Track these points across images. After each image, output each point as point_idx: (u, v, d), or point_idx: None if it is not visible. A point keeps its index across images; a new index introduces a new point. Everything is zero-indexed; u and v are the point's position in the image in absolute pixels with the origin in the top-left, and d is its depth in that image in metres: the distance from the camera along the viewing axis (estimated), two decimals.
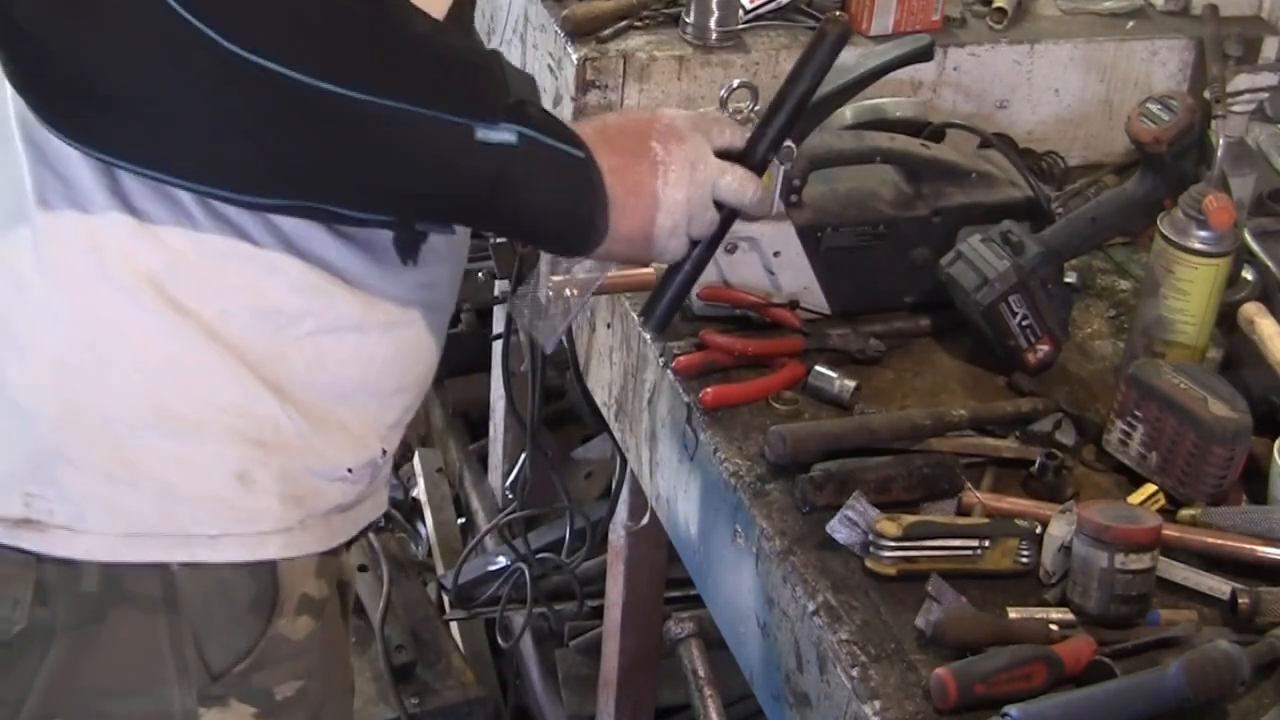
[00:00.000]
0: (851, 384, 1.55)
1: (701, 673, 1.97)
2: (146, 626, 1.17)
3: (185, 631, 1.18)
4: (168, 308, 1.12)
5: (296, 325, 1.17)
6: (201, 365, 1.14)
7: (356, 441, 1.25)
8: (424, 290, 1.24)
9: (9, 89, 1.08)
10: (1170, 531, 1.38)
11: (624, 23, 1.91)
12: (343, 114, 1.05)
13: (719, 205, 1.27)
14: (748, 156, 1.28)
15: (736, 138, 1.29)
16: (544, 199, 1.17)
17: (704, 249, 1.29)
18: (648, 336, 1.64)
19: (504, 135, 1.11)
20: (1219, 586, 1.36)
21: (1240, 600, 1.33)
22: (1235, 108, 1.88)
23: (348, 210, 1.14)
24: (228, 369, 1.15)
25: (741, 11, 1.93)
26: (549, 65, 1.95)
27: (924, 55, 1.65)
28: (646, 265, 1.31)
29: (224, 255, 1.13)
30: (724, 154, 1.27)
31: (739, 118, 1.58)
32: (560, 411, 2.82)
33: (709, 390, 1.53)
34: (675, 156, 1.22)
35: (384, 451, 1.28)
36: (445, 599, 2.70)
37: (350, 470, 1.24)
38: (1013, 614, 1.31)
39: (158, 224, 1.11)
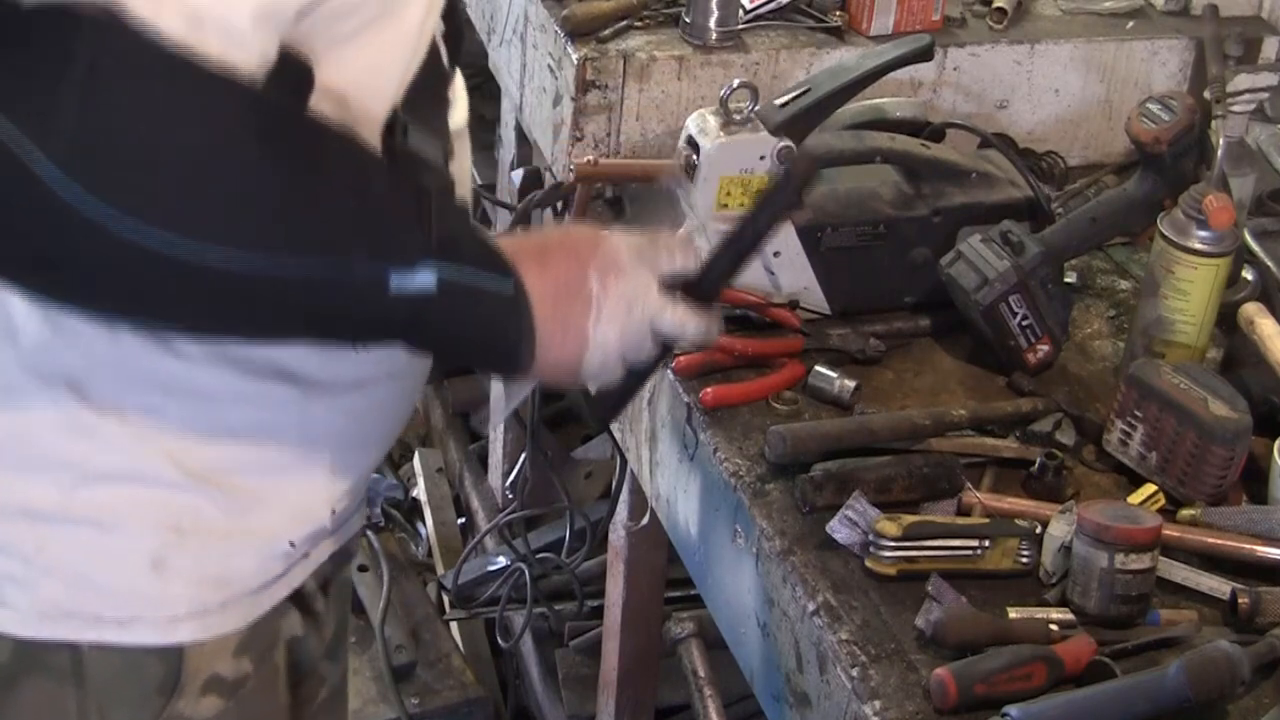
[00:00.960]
0: (851, 384, 1.55)
1: (701, 673, 1.97)
2: (56, 696, 1.20)
3: (91, 706, 1.20)
4: (86, 408, 1.13)
5: (225, 413, 1.17)
6: (120, 459, 1.15)
7: (299, 514, 1.24)
8: (381, 363, 1.21)
9: None
10: (1170, 531, 1.38)
11: (624, 23, 1.91)
12: (238, 285, 1.01)
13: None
14: (697, 287, 1.22)
15: (689, 261, 1.22)
16: (463, 337, 1.13)
17: (642, 373, 1.24)
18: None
19: (422, 281, 1.05)
20: (1219, 586, 1.36)
21: (1240, 600, 1.33)
22: (1235, 108, 1.88)
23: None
24: (146, 460, 1.16)
25: (741, 11, 1.93)
26: (549, 65, 1.95)
27: (924, 55, 1.65)
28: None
29: (143, 354, 1.13)
30: (673, 280, 1.20)
31: (738, 117, 1.59)
32: (560, 411, 2.82)
33: (709, 390, 1.53)
34: (611, 294, 1.16)
35: (333, 512, 1.27)
36: (445, 599, 2.70)
37: (293, 544, 1.24)
38: (1013, 614, 1.31)
39: (74, 324, 1.10)
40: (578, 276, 1.16)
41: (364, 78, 1.11)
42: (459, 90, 1.31)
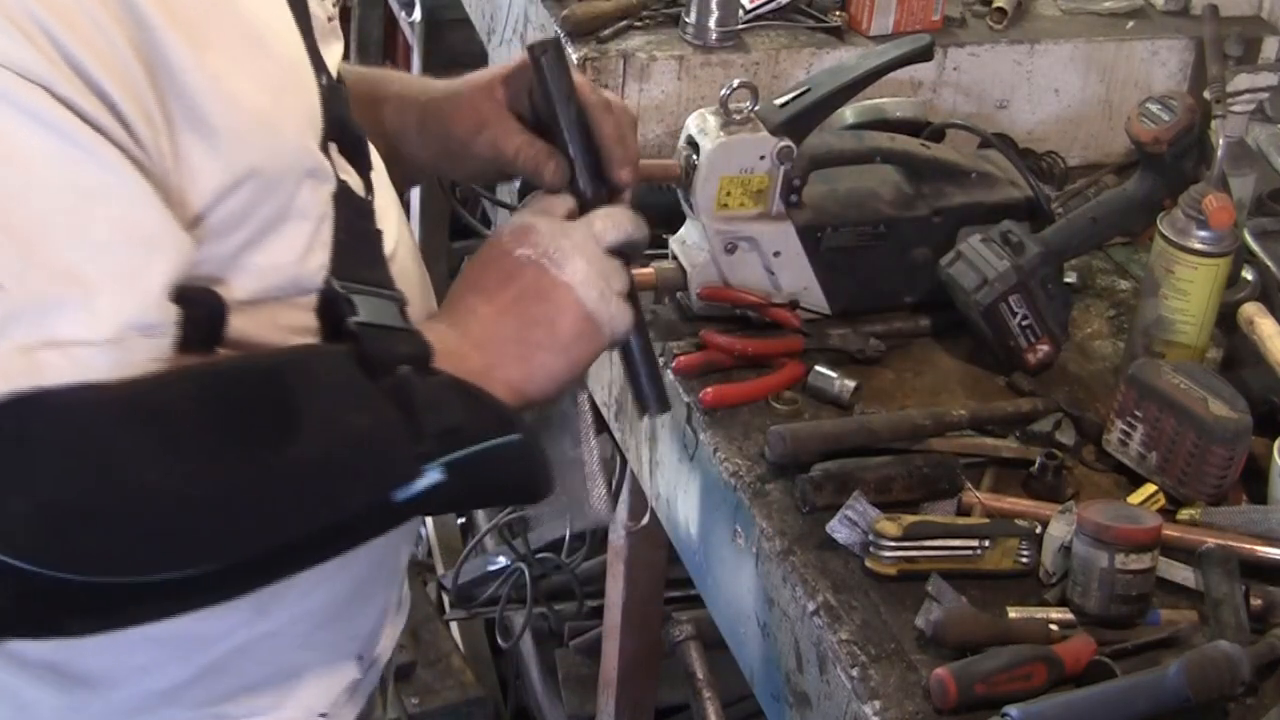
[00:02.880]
0: (851, 384, 1.55)
1: (701, 675, 1.97)
2: None
3: None
4: (65, 680, 1.14)
5: (215, 646, 1.17)
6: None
7: (319, 686, 1.24)
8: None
9: None
10: (1170, 531, 1.38)
11: (624, 23, 1.91)
12: (244, 571, 1.01)
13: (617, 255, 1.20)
14: (582, 198, 1.21)
15: (569, 203, 1.22)
16: (485, 494, 1.13)
17: (640, 328, 1.23)
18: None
19: (429, 479, 1.03)
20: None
21: (1252, 600, 1.33)
22: (1235, 108, 1.88)
23: None
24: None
25: (741, 11, 1.93)
26: None
27: (924, 55, 1.65)
28: (608, 349, 1.22)
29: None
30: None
31: (738, 117, 1.59)
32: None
33: (709, 390, 1.53)
34: (542, 244, 1.16)
35: (360, 657, 1.27)
36: (445, 599, 2.70)
37: (323, 716, 1.24)
38: (1013, 614, 1.31)
39: None
40: (510, 263, 1.15)
41: (281, 273, 1.09)
42: (380, 188, 1.25)
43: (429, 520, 2.91)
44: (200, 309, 1.03)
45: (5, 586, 0.92)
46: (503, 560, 2.62)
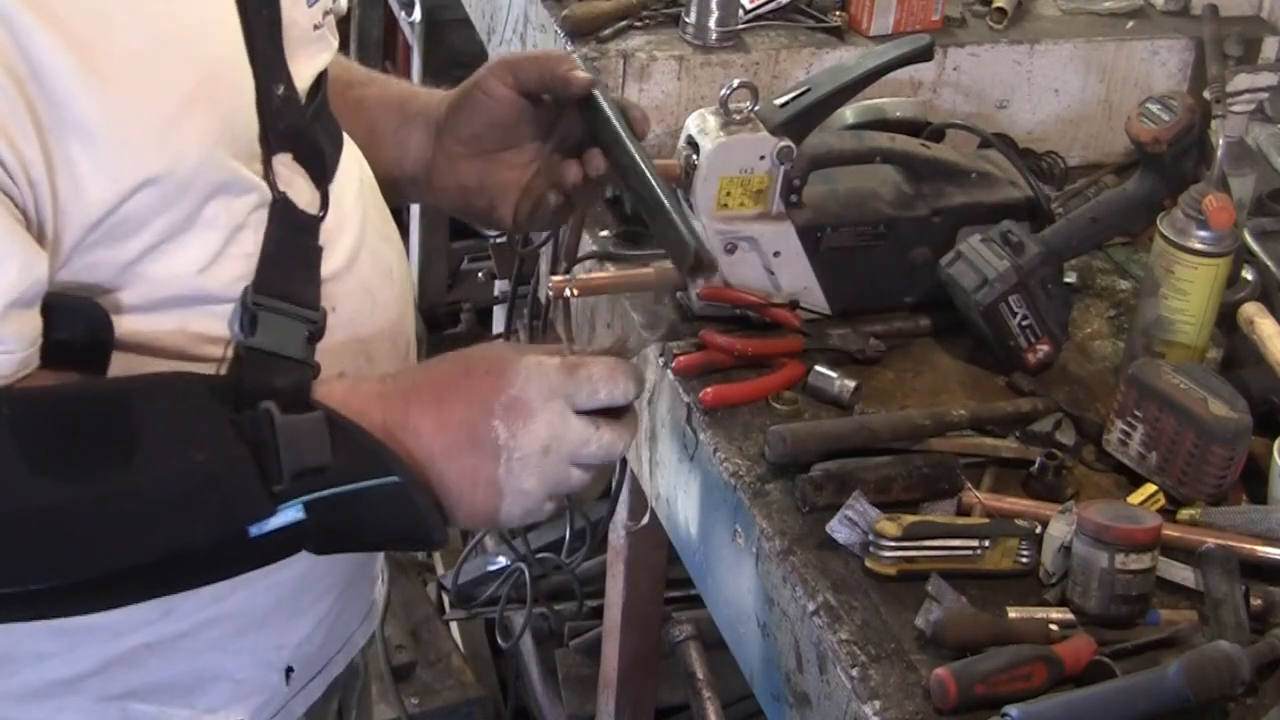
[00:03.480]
0: (851, 384, 1.55)
1: (701, 675, 1.97)
2: None
3: None
4: None
5: (120, 640, 1.17)
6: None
7: (237, 693, 1.24)
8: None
9: None
10: (1170, 531, 1.38)
11: (624, 23, 1.91)
12: (85, 591, 1.02)
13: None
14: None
15: (615, 392, 1.13)
16: (358, 536, 1.09)
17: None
18: (646, 334, 1.64)
19: (287, 516, 1.02)
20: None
21: (1252, 600, 1.33)
22: (1235, 108, 1.88)
23: None
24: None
25: (741, 11, 1.93)
26: None
27: (924, 55, 1.65)
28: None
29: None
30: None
31: (738, 117, 1.59)
32: None
33: (709, 390, 1.53)
34: (521, 442, 1.09)
35: (290, 669, 1.26)
36: (445, 599, 2.70)
37: None
38: (1013, 614, 1.31)
39: None
40: (482, 426, 1.08)
41: (181, 283, 1.08)
42: (342, 203, 1.23)
43: None
44: (80, 320, 1.02)
45: None
46: (503, 560, 2.62)
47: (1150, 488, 1.45)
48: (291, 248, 1.14)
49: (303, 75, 1.16)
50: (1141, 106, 1.61)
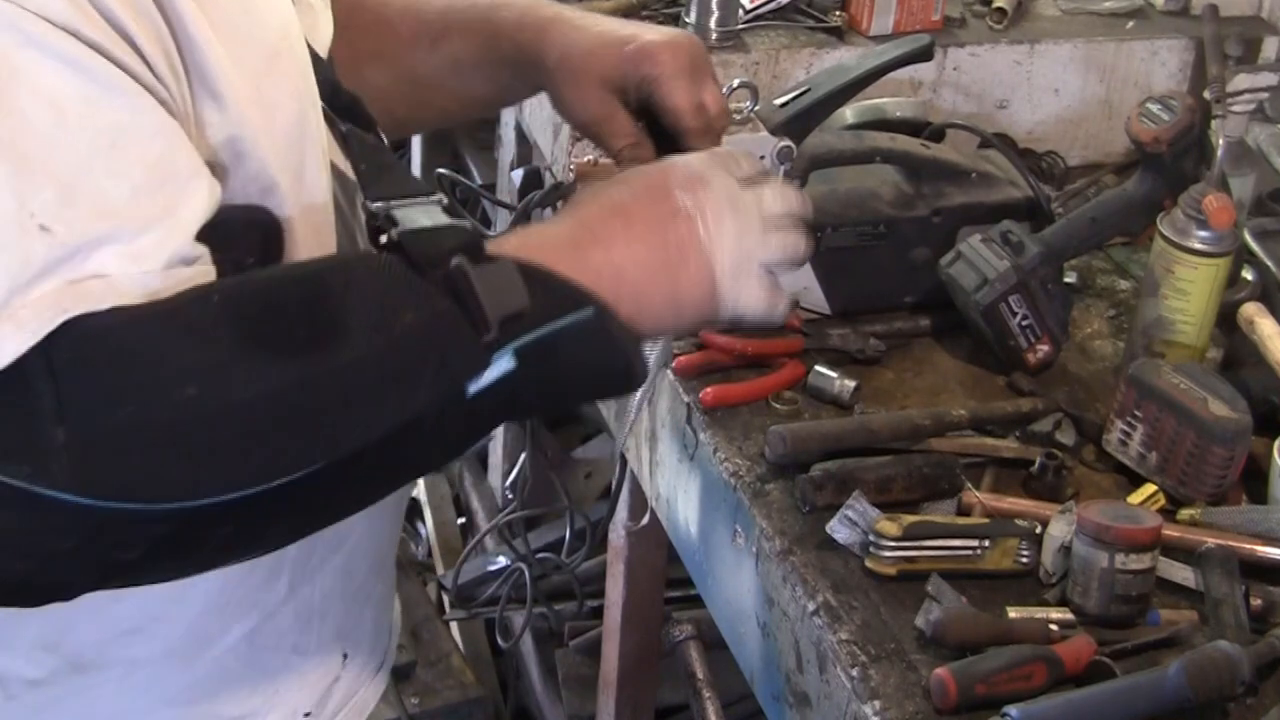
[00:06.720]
0: (851, 384, 1.55)
1: (701, 675, 1.97)
2: None
3: None
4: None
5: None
6: None
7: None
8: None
9: None
10: (1170, 531, 1.38)
11: None
12: (319, 482, 0.96)
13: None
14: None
15: (753, 167, 1.18)
16: (566, 385, 1.08)
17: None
18: None
19: (500, 368, 1.00)
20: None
21: (1253, 600, 1.33)
22: (1235, 108, 1.88)
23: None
24: None
25: (741, 11, 1.93)
26: None
27: (924, 55, 1.65)
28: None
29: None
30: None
31: (738, 117, 1.59)
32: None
33: (709, 390, 1.53)
34: (707, 203, 1.11)
35: (308, 716, 1.28)
36: (445, 599, 2.70)
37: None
38: (1013, 614, 1.31)
39: None
40: (666, 202, 1.11)
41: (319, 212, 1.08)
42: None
43: (429, 520, 2.91)
44: (255, 230, 1.02)
45: (66, 528, 0.89)
46: (503, 560, 2.62)
47: (1150, 488, 1.45)
48: (378, 161, 1.15)
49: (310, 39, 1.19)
50: (1141, 106, 1.61)
